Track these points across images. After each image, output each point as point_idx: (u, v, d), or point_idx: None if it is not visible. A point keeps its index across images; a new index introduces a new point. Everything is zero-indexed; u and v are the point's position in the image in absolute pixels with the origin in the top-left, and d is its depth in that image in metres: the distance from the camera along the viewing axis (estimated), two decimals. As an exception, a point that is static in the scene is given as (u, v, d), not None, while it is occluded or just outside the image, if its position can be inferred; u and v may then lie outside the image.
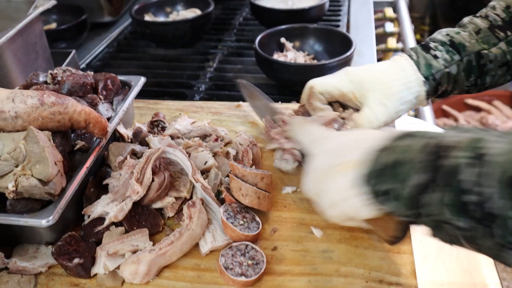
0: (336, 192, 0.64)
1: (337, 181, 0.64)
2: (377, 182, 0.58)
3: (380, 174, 0.57)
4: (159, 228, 0.79)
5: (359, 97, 0.86)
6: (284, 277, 0.70)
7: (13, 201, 0.70)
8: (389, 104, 0.84)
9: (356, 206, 0.62)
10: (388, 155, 0.57)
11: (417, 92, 0.85)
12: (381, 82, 0.84)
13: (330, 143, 0.69)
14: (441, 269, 0.75)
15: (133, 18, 1.53)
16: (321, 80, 0.90)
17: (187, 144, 0.93)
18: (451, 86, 0.87)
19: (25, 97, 0.72)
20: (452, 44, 0.85)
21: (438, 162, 0.50)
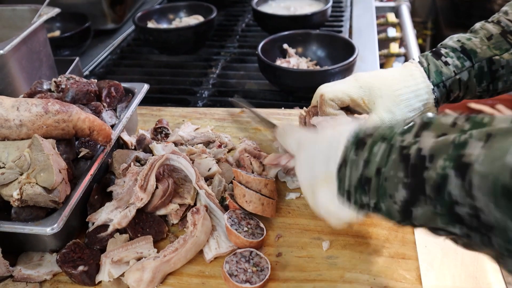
0: (323, 206, 0.65)
1: (320, 195, 0.64)
2: (357, 198, 0.57)
3: (355, 191, 0.57)
4: (163, 235, 0.79)
5: (368, 103, 0.86)
6: (289, 283, 0.70)
7: (18, 209, 0.70)
8: (397, 111, 0.84)
9: (347, 215, 0.62)
10: (355, 170, 0.56)
11: (426, 100, 0.84)
12: (390, 89, 0.84)
13: (306, 152, 0.69)
14: (446, 275, 0.75)
15: (136, 25, 1.54)
16: (331, 87, 0.89)
17: (190, 151, 0.93)
18: (463, 92, 0.86)
19: (30, 105, 0.73)
20: (463, 50, 0.85)
21: (423, 175, 0.48)
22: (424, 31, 3.38)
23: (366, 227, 0.79)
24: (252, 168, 0.88)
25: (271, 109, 1.14)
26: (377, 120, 0.84)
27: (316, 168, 0.64)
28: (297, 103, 1.22)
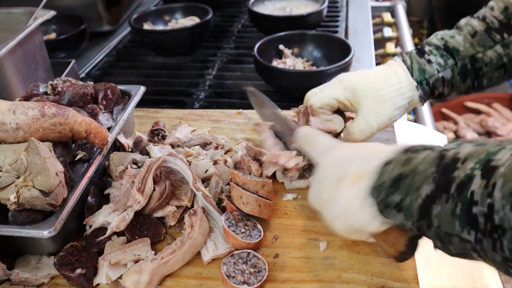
0: (342, 204, 0.63)
1: (344, 193, 0.63)
2: (387, 194, 0.58)
3: (390, 185, 0.57)
4: (160, 237, 0.79)
5: (354, 104, 0.87)
6: (286, 284, 0.71)
7: (15, 213, 0.70)
8: (382, 111, 0.85)
9: (363, 219, 0.61)
10: (399, 167, 0.57)
11: (410, 98, 0.85)
12: (374, 89, 0.85)
13: (338, 154, 0.69)
14: (443, 274, 0.75)
15: (132, 27, 1.54)
16: (317, 95, 0.90)
17: (187, 152, 0.93)
18: (448, 89, 0.87)
19: (26, 108, 0.73)
20: (446, 48, 0.86)
21: (451, 174, 0.50)
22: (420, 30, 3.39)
23: (363, 227, 0.79)
24: (250, 170, 0.88)
25: (267, 110, 1.14)
26: (362, 122, 0.86)
27: (349, 167, 0.64)
28: (293, 104, 1.22)
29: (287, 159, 0.86)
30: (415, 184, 0.54)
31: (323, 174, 0.69)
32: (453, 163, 0.51)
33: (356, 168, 0.63)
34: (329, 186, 0.66)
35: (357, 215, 0.62)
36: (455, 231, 0.50)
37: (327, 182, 0.67)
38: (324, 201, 0.67)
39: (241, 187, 0.79)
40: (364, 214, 0.61)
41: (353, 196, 0.62)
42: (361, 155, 0.65)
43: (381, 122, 0.85)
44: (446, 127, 2.73)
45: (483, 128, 2.71)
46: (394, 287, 0.68)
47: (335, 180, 0.65)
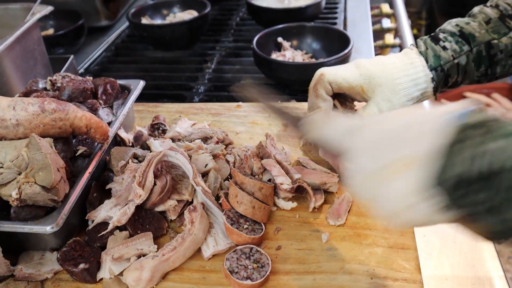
0: (398, 199, 0.50)
1: (396, 185, 0.50)
2: (476, 192, 0.44)
3: (484, 183, 0.43)
4: (163, 231, 0.79)
5: (367, 91, 0.86)
6: (289, 276, 0.71)
7: (17, 209, 0.70)
8: (395, 100, 0.84)
9: (428, 213, 0.48)
10: (499, 155, 0.43)
11: (424, 89, 0.85)
12: (390, 78, 0.84)
13: (370, 134, 0.55)
14: (445, 264, 0.75)
15: (130, 22, 1.54)
16: (332, 70, 0.88)
17: (187, 146, 0.93)
18: (461, 76, 0.86)
19: (26, 104, 0.73)
20: (462, 34, 0.85)
21: None
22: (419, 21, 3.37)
23: (364, 219, 0.79)
24: (252, 169, 0.88)
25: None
26: (375, 109, 0.84)
27: (398, 148, 0.50)
28: (293, 96, 1.22)
29: (278, 174, 0.85)
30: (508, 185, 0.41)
31: (359, 164, 0.54)
32: None
33: (404, 151, 0.50)
34: (373, 176, 0.53)
35: (419, 209, 0.49)
36: None
37: (370, 171, 0.53)
38: (372, 195, 0.54)
39: (238, 186, 0.79)
40: (428, 206, 0.48)
41: (410, 189, 0.49)
42: (402, 131, 0.51)
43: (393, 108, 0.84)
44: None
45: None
46: (397, 277, 0.69)
47: (379, 168, 0.52)
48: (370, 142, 0.54)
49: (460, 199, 0.45)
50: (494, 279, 0.73)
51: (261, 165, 0.87)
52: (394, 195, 0.50)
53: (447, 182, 0.46)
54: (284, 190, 0.82)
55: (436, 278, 0.73)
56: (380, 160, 0.52)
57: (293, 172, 0.85)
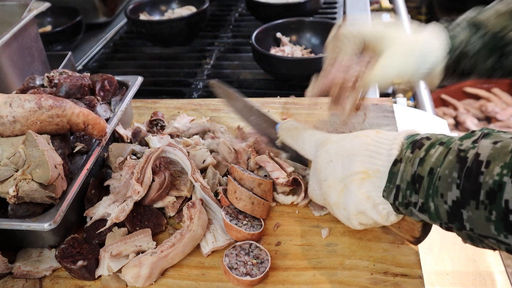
0: (353, 207, 0.64)
1: (352, 195, 0.64)
2: (405, 196, 0.58)
3: (407, 188, 0.58)
4: (162, 227, 0.79)
5: (381, 43, 0.82)
6: (289, 272, 0.70)
7: (14, 206, 0.70)
8: (410, 58, 0.80)
9: (379, 217, 0.63)
10: (410, 167, 0.57)
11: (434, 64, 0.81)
12: (407, 39, 0.81)
13: (333, 148, 0.68)
14: (446, 259, 0.75)
15: (128, 18, 1.53)
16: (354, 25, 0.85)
17: (185, 142, 0.92)
18: (470, 65, 0.83)
19: (23, 101, 0.72)
20: (473, 23, 0.83)
21: (477, 180, 0.50)
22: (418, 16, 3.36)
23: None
24: (248, 164, 0.87)
25: (266, 98, 1.13)
26: (387, 61, 0.80)
27: (352, 166, 0.64)
28: (292, 92, 1.22)
29: (273, 169, 0.85)
30: (438, 189, 0.54)
31: (323, 174, 0.68)
32: (477, 167, 0.50)
33: (360, 167, 0.63)
34: (334, 188, 0.67)
35: (372, 215, 0.64)
36: (491, 234, 0.50)
37: (331, 183, 0.67)
38: (332, 204, 0.68)
39: (237, 182, 0.79)
40: (379, 212, 0.63)
41: (363, 198, 0.63)
42: (360, 150, 0.64)
43: (403, 69, 0.80)
44: (446, 113, 2.72)
45: (482, 114, 2.70)
46: (397, 272, 0.68)
47: (339, 181, 0.66)
48: (331, 156, 0.68)
49: (399, 205, 0.60)
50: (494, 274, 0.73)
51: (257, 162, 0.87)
52: (352, 203, 0.64)
53: (389, 192, 0.60)
54: (281, 184, 0.81)
55: (436, 273, 0.73)
56: (341, 173, 0.65)
57: (286, 166, 0.85)
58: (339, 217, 0.69)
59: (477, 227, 0.51)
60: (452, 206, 0.53)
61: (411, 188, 0.57)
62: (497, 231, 0.49)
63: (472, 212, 0.51)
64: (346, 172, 0.64)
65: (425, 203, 0.56)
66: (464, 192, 0.51)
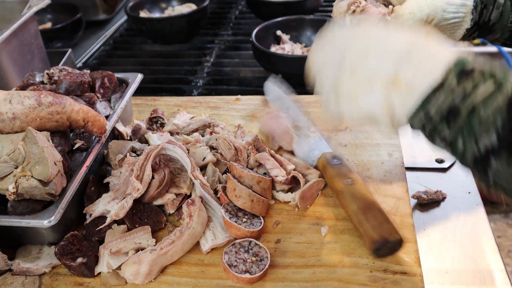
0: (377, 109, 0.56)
1: (385, 98, 0.55)
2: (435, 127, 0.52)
3: (440, 120, 0.52)
4: (161, 224, 0.79)
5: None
6: (288, 269, 0.70)
7: (14, 203, 0.70)
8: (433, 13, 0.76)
9: (395, 127, 0.57)
10: (450, 97, 0.50)
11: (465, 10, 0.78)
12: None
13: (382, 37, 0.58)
14: (445, 257, 0.75)
15: (128, 15, 1.53)
16: None
17: (185, 139, 0.92)
18: (496, 15, 0.79)
19: (22, 98, 0.72)
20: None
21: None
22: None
23: (364, 212, 0.79)
24: (248, 162, 0.87)
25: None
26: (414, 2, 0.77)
27: (393, 66, 0.54)
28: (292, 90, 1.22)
29: (272, 166, 0.84)
30: (474, 129, 0.49)
31: (353, 56, 0.58)
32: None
33: (390, 66, 0.55)
34: (355, 78, 0.57)
35: (383, 124, 0.57)
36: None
37: (356, 72, 0.57)
38: (346, 92, 0.59)
39: (236, 180, 0.79)
40: (392, 124, 0.56)
41: (383, 104, 0.55)
42: (403, 53, 0.55)
43: (433, 8, 0.77)
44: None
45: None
46: (396, 270, 0.68)
47: (366, 75, 0.57)
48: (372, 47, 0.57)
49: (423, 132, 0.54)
50: (494, 272, 0.73)
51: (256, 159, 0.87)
52: (365, 102, 0.56)
53: (416, 116, 0.53)
54: (279, 182, 0.81)
55: (436, 271, 0.73)
56: (372, 68, 0.56)
57: (286, 164, 0.85)
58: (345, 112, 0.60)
59: (501, 179, 0.48)
60: (483, 152, 0.48)
61: (444, 122, 0.51)
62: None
63: (501, 164, 0.47)
64: (376, 68, 0.55)
65: (454, 140, 0.51)
66: (501, 141, 0.47)
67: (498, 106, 0.48)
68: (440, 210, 0.84)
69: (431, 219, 0.82)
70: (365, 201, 0.74)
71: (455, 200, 0.85)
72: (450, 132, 0.51)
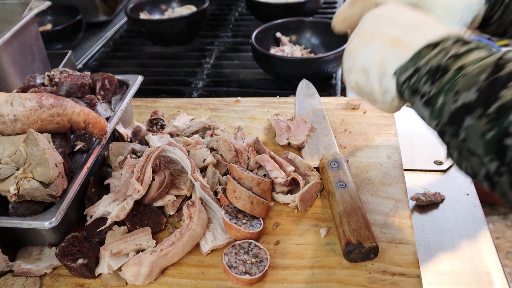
0: (363, 61, 0.62)
1: (380, 51, 0.60)
2: (418, 81, 0.55)
3: (426, 74, 0.54)
4: (161, 226, 0.79)
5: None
6: (288, 270, 0.71)
7: (15, 204, 0.70)
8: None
9: (384, 87, 0.61)
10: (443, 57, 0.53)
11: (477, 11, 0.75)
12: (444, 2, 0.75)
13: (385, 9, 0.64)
14: (443, 259, 0.75)
15: (128, 17, 1.53)
16: None
17: (185, 141, 0.92)
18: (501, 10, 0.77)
19: (24, 100, 0.72)
20: None
21: (498, 92, 0.46)
22: None
23: (363, 213, 0.79)
24: (248, 163, 0.88)
25: (266, 97, 1.14)
26: None
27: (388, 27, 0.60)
28: (292, 91, 1.22)
29: (272, 168, 0.85)
30: (457, 86, 0.51)
31: (364, 22, 0.65)
32: (506, 81, 0.47)
33: (395, 31, 0.60)
34: (360, 37, 0.64)
35: (373, 80, 0.61)
36: (479, 152, 0.48)
37: (361, 32, 0.64)
38: (349, 49, 0.65)
39: (236, 181, 0.79)
40: (380, 83, 0.60)
41: (377, 59, 0.60)
42: (407, 20, 0.60)
43: None
44: None
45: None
46: (395, 272, 0.69)
47: (370, 33, 0.62)
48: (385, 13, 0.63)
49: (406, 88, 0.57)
50: (492, 273, 0.73)
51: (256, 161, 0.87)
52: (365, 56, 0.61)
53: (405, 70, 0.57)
54: (279, 184, 0.82)
55: (434, 272, 0.74)
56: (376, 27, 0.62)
57: (286, 165, 0.85)
58: (344, 67, 0.66)
59: (470, 139, 0.49)
60: (460, 108, 0.50)
61: (431, 76, 0.54)
62: (486, 152, 0.47)
63: (473, 121, 0.48)
64: (381, 29, 0.61)
65: (435, 96, 0.53)
66: (480, 97, 0.48)
67: (485, 64, 0.49)
68: (438, 211, 0.84)
69: (429, 220, 0.83)
70: (351, 205, 0.75)
71: (453, 202, 0.86)
72: (434, 87, 0.53)
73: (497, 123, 0.46)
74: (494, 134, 0.46)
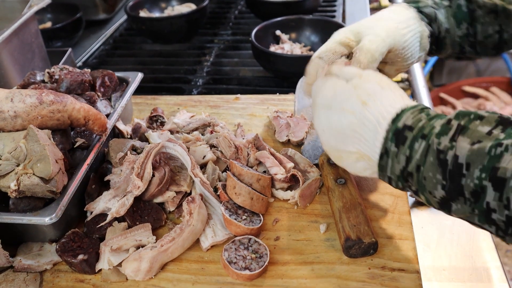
0: (355, 168, 0.65)
1: (355, 164, 0.64)
2: (400, 185, 0.60)
3: (398, 180, 0.59)
4: (161, 222, 0.79)
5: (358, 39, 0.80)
6: (288, 266, 0.71)
7: (15, 200, 0.70)
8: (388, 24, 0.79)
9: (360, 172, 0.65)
10: (397, 163, 0.58)
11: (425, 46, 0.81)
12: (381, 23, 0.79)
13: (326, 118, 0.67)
14: (442, 255, 0.76)
15: (128, 15, 1.53)
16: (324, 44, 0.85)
17: (185, 138, 0.93)
18: (444, 33, 0.82)
19: (24, 96, 0.72)
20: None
21: (460, 182, 0.51)
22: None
23: (362, 210, 0.80)
24: (248, 160, 0.88)
25: (266, 95, 1.14)
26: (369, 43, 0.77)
27: (348, 145, 0.63)
28: (291, 89, 1.22)
29: (272, 165, 0.85)
30: (427, 188, 0.56)
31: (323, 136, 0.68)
32: (458, 170, 0.51)
33: (352, 148, 0.63)
34: (332, 151, 0.67)
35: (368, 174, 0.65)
36: (476, 221, 0.53)
37: (330, 148, 0.67)
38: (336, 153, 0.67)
39: (236, 178, 0.79)
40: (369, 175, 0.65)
41: (362, 167, 0.64)
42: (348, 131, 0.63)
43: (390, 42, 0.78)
44: (445, 112, 2.73)
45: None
46: (394, 267, 0.69)
47: (334, 149, 0.66)
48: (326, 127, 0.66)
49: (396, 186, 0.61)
50: (491, 269, 0.74)
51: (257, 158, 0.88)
52: (351, 166, 0.66)
53: (383, 177, 0.62)
54: (279, 180, 0.82)
55: (433, 269, 0.74)
56: (339, 144, 0.65)
57: (286, 162, 0.85)
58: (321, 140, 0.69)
59: (463, 216, 0.54)
60: (441, 201, 0.55)
61: (402, 181, 0.59)
62: (481, 222, 0.53)
63: (460, 205, 0.53)
64: (340, 147, 0.65)
65: (417, 192, 0.58)
66: (450, 192, 0.53)
67: (433, 165, 0.54)
68: (437, 208, 0.84)
69: (429, 217, 0.83)
70: (351, 201, 0.75)
71: (452, 198, 0.86)
72: (412, 187, 0.58)
73: (478, 206, 0.51)
74: (479, 213, 0.51)
